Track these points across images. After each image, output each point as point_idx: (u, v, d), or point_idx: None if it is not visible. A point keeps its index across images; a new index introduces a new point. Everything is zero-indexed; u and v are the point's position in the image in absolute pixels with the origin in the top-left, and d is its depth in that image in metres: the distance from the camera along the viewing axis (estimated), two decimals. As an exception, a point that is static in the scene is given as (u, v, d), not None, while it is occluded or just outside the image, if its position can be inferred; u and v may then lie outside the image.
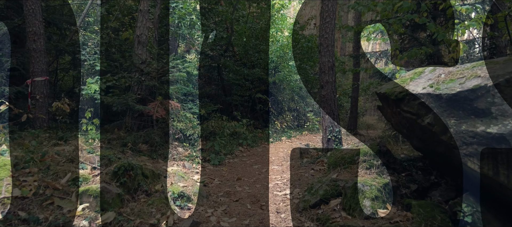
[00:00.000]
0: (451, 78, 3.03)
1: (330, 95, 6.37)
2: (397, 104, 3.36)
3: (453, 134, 2.86)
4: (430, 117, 3.02)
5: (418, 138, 3.37)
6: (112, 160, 4.25)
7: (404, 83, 3.42)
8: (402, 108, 3.31)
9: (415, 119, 3.16)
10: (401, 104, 3.31)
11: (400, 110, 3.36)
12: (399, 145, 8.15)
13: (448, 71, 3.24)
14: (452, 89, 2.86)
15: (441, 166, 3.77)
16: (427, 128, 3.05)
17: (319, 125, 12.62)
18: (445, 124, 2.90)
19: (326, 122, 6.42)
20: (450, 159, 3.06)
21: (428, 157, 3.95)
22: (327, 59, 6.40)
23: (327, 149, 6.43)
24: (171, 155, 6.25)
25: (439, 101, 2.96)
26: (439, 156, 3.26)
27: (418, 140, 3.42)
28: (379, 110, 4.18)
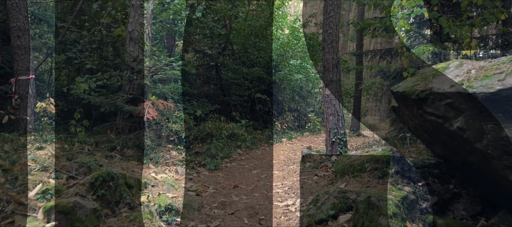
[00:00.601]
0: (485, 75, 2.50)
1: (334, 95, 5.84)
2: (419, 105, 2.83)
3: (490, 141, 2.33)
4: (460, 120, 2.49)
5: (443, 145, 2.84)
6: (92, 167, 3.73)
7: (426, 80, 2.88)
8: (424, 110, 2.78)
9: (441, 123, 2.63)
10: (424, 105, 2.77)
11: (422, 112, 2.82)
12: (406, 147, 7.62)
13: (479, 66, 2.70)
14: (490, 87, 2.32)
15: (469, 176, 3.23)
16: (457, 134, 2.52)
17: (320, 125, 12.09)
18: (481, 128, 2.37)
19: (330, 124, 5.89)
20: (485, 171, 2.53)
21: (452, 166, 3.42)
22: (331, 56, 5.87)
23: (331, 153, 5.90)
24: (163, 159, 5.73)
25: (472, 102, 2.42)
26: (470, 167, 2.72)
27: (443, 147, 2.89)
28: (394, 112, 3.65)
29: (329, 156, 5.91)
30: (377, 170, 3.69)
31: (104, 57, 7.57)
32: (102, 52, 7.96)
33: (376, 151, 3.96)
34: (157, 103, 5.91)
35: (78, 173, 3.64)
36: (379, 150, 3.96)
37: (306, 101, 12.89)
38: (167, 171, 5.26)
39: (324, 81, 5.97)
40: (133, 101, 6.47)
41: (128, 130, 6.62)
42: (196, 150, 6.55)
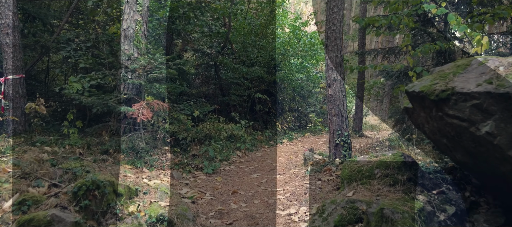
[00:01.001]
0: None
1: (338, 95, 5.50)
2: (439, 106, 2.49)
3: (526, 149, 2.00)
4: (490, 124, 2.16)
5: (467, 152, 2.50)
6: (78, 174, 3.39)
7: (446, 79, 2.55)
8: (445, 112, 2.44)
9: (465, 127, 2.30)
10: (445, 107, 2.44)
11: (442, 115, 2.49)
12: (411, 149, 7.29)
13: (508, 63, 2.37)
14: (526, 87, 1.99)
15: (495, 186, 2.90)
16: (485, 139, 2.18)
17: (321, 126, 11.76)
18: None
19: (333, 125, 5.55)
20: (518, 182, 2.20)
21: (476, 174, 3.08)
22: (334, 54, 5.53)
23: (335, 156, 5.57)
24: (158, 162, 5.39)
25: (504, 103, 2.09)
26: (500, 177, 2.39)
27: (466, 154, 2.55)
28: (406, 114, 3.31)
29: (333, 158, 5.58)
30: (388, 176, 3.35)
31: (98, 56, 7.23)
32: (97, 51, 7.62)
33: (386, 155, 3.63)
34: (152, 103, 5.58)
35: (62, 180, 3.31)
36: (389, 154, 3.63)
37: (307, 101, 12.56)
38: (162, 175, 4.92)
39: (327, 80, 5.64)
40: (128, 101, 6.13)
41: (123, 131, 6.28)
42: (193, 152, 6.22)
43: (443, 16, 9.25)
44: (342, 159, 5.48)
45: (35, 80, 9.50)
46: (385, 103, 16.49)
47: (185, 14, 7.80)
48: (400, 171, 3.37)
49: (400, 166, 3.40)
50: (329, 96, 5.58)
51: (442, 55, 8.75)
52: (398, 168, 3.39)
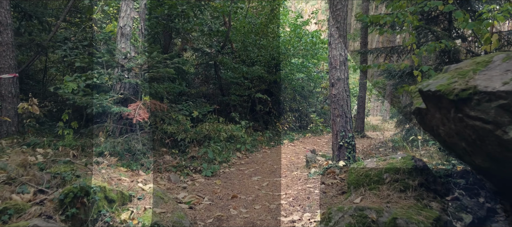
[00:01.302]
0: (549, 68, 1.92)
1: (342, 95, 5.26)
2: (459, 107, 2.25)
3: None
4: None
5: (490, 157, 2.26)
6: (67, 179, 3.15)
7: (466, 77, 2.31)
8: (466, 113, 2.20)
9: (490, 130, 2.06)
10: (465, 108, 2.20)
11: (462, 116, 2.25)
12: (416, 150, 7.06)
13: (536, 59, 2.13)
14: None
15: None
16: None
17: (322, 126, 11.51)
18: (549, 138, 1.80)
19: (337, 126, 5.31)
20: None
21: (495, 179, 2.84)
22: (338, 53, 5.29)
23: (338, 157, 5.33)
24: (155, 165, 5.15)
25: (536, 104, 1.85)
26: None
27: (488, 159, 2.31)
28: (417, 115, 3.07)
29: (336, 160, 5.34)
30: (398, 181, 3.11)
31: (94, 55, 7.00)
32: (93, 49, 7.39)
33: (395, 159, 3.39)
34: (149, 104, 5.34)
35: (50, 186, 3.07)
36: (399, 158, 3.39)
37: (308, 101, 12.32)
38: (158, 178, 4.69)
39: (330, 80, 5.40)
40: (125, 101, 5.90)
41: (119, 132, 6.04)
42: (192, 153, 5.98)
43: (447, 15, 9.01)
44: (346, 161, 5.24)
45: (32, 80, 9.26)
46: (386, 104, 16.25)
47: (184, 12, 7.56)
48: (410, 176, 3.13)
49: (411, 170, 3.16)
50: (333, 96, 5.34)
51: (445, 55, 8.51)
52: (409, 172, 3.15)
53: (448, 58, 8.61)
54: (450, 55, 8.78)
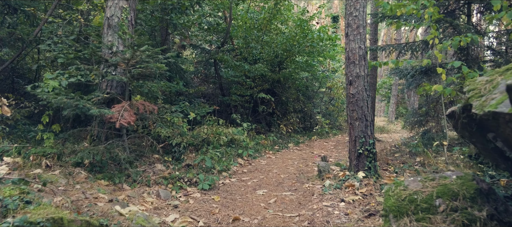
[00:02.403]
0: None
1: (361, 95, 4.40)
2: None
3: None
4: None
5: None
6: (10, 208, 2.27)
7: None
8: None
9: None
10: None
11: None
12: (436, 156, 6.19)
13: None
14: None
15: None
16: None
17: (328, 128, 10.64)
18: None
19: (355, 131, 4.44)
20: None
21: None
22: (357, 45, 4.42)
23: (357, 167, 4.46)
24: (143, 176, 4.29)
25: None
26: None
27: None
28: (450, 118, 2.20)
29: (355, 170, 4.47)
30: (458, 211, 2.25)
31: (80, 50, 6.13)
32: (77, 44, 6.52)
33: (448, 178, 2.52)
34: (137, 104, 4.47)
35: (-13, 217, 2.20)
36: (453, 177, 2.52)
37: (313, 102, 11.45)
38: (145, 194, 3.82)
39: (348, 77, 4.53)
40: (111, 102, 5.04)
41: (105, 137, 5.18)
42: (187, 161, 5.11)
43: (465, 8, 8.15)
44: (366, 172, 4.38)
45: (22, 79, 8.41)
46: (392, 104, 15.37)
47: (180, 3, 6.69)
48: (474, 204, 2.26)
49: (474, 195, 2.29)
50: (350, 96, 4.47)
51: (463, 51, 7.65)
52: (472, 199, 2.28)
53: (465, 55, 7.74)
54: (469, 52, 7.90)
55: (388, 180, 4.35)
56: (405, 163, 6.12)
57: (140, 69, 4.41)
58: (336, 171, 4.77)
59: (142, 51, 4.71)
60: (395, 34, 17.04)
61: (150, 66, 4.36)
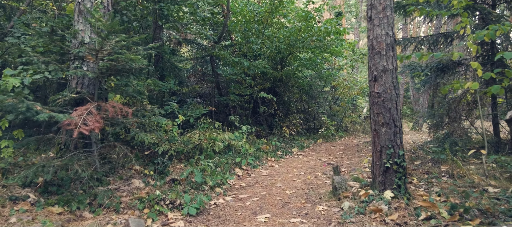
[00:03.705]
0: None
1: (389, 94, 3.38)
2: None
3: None
4: None
5: None
6: None
7: None
8: None
9: None
10: None
11: None
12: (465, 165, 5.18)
13: None
14: None
15: None
16: None
17: (333, 130, 9.61)
18: None
19: (381, 139, 3.43)
20: None
21: None
22: (384, 31, 3.41)
23: (383, 184, 3.45)
24: (113, 198, 3.28)
25: None
26: None
27: None
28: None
29: (380, 188, 3.46)
30: None
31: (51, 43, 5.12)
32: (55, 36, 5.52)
33: None
34: (106, 106, 3.47)
35: None
36: None
37: (317, 102, 10.43)
38: (110, 225, 2.82)
39: (372, 71, 3.51)
40: (80, 103, 4.04)
41: (74, 145, 4.17)
42: (173, 175, 4.11)
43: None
44: (395, 192, 3.37)
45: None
46: (398, 104, 14.29)
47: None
48: None
49: None
50: (375, 95, 3.46)
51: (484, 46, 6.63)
52: None
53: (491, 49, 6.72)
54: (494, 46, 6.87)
55: (422, 202, 3.35)
56: (429, 172, 5.11)
57: (109, 62, 3.40)
58: (356, 188, 3.76)
59: (117, 41, 3.69)
60: (399, 30, 16.01)
61: (121, 58, 3.35)
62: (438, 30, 11.69)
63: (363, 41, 15.66)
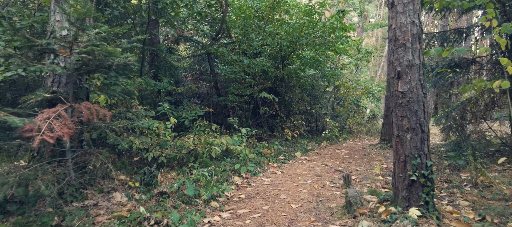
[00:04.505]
0: None
1: (415, 93, 2.81)
2: None
3: None
4: None
5: None
6: None
7: None
8: None
9: None
10: None
11: None
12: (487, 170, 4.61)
13: None
14: None
15: None
16: None
17: (337, 131, 9.03)
18: None
19: (406, 147, 2.85)
20: None
21: None
22: (410, 20, 2.83)
23: (408, 200, 2.87)
24: (87, 217, 2.70)
25: None
26: None
27: None
28: None
29: (403, 206, 2.88)
30: None
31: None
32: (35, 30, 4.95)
33: None
34: (81, 108, 2.89)
35: None
36: None
37: (320, 102, 9.86)
38: (77, 255, 2.24)
39: (394, 67, 2.93)
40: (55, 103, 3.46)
41: (50, 153, 3.59)
42: (163, 187, 3.53)
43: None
44: (423, 210, 2.79)
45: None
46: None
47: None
48: None
49: None
50: (399, 95, 2.88)
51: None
52: None
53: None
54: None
55: (456, 223, 2.77)
56: (449, 181, 4.54)
57: (83, 55, 2.82)
58: (373, 204, 3.18)
59: (97, 33, 3.11)
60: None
61: (98, 51, 2.77)
62: (445, 28, 11.12)
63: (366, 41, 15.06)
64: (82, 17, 2.82)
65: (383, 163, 5.92)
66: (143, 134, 4.57)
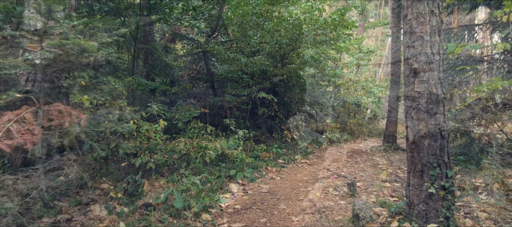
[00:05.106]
0: None
1: (434, 93, 2.42)
2: None
3: None
4: None
5: None
6: None
7: None
8: None
9: None
10: None
11: None
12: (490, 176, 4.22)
13: None
14: None
15: None
16: None
17: (338, 132, 8.65)
18: None
19: (423, 155, 2.46)
20: None
21: None
22: (428, 9, 2.44)
23: (425, 216, 2.48)
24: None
25: None
26: None
27: None
28: None
29: (420, 224, 2.49)
30: None
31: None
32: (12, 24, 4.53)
33: None
34: (50, 110, 2.48)
35: None
36: None
37: (320, 102, 9.47)
38: None
39: (410, 63, 2.54)
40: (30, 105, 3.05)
41: (22, 162, 3.19)
42: (148, 198, 3.13)
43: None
44: (442, 226, 2.40)
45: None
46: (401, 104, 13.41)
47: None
48: None
49: None
50: (415, 96, 2.48)
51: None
52: None
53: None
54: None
55: (481, 241, 2.39)
56: (462, 188, 4.15)
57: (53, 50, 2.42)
58: (384, 218, 2.79)
59: (73, 26, 2.72)
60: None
61: (69, 45, 2.37)
62: (448, 26, 10.74)
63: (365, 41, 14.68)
64: (50, 6, 2.42)
65: (388, 167, 5.53)
66: (132, 137, 4.18)
